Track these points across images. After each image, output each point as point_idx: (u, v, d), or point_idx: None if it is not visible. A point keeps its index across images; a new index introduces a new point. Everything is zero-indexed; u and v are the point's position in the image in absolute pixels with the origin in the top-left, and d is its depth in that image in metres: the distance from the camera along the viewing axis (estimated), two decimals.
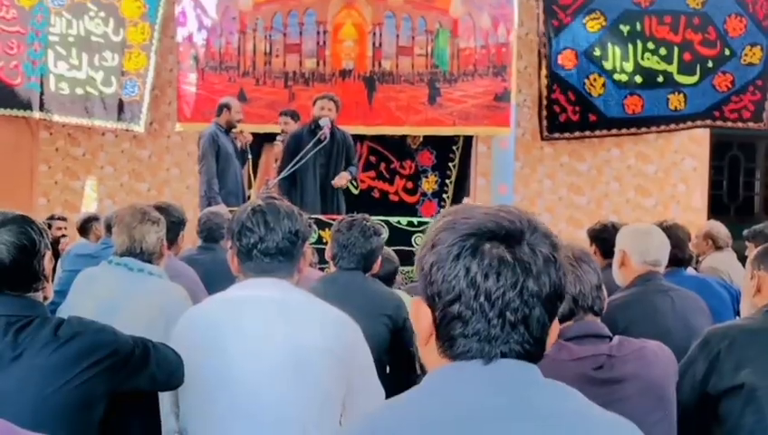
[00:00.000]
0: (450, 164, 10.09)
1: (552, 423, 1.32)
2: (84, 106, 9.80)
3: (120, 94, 9.79)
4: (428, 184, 10.11)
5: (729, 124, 9.62)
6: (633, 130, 9.82)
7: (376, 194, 9.99)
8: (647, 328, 3.16)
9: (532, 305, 1.33)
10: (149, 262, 3.59)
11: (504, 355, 1.34)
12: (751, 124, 9.54)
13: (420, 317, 1.39)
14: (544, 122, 9.73)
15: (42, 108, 9.79)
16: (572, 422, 1.34)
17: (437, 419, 1.30)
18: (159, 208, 3.96)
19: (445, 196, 10.09)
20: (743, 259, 6.10)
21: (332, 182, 7.18)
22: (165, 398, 2.61)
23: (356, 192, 9.70)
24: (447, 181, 10.11)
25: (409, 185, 10.10)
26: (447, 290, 1.33)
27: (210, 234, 5.12)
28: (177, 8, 9.52)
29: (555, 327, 1.41)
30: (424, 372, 1.46)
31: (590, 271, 2.46)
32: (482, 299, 1.31)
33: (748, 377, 2.81)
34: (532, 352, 1.36)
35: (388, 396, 2.59)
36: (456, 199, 10.11)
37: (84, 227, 7.41)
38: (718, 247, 6.24)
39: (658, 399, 2.45)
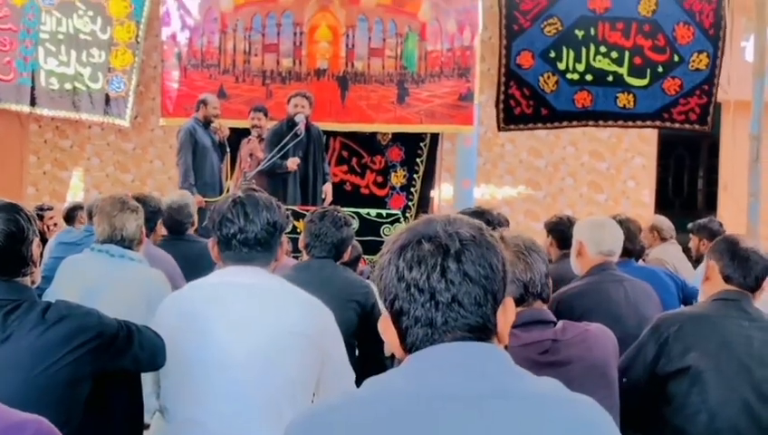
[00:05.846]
0: (418, 160, 10.09)
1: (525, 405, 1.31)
2: (72, 101, 9.69)
3: (107, 90, 9.69)
4: (397, 178, 10.10)
5: (677, 126, 9.63)
6: (582, 123, 9.70)
7: (348, 187, 9.97)
8: (601, 315, 3.16)
9: (458, 284, 1.33)
10: (130, 248, 3.57)
11: (454, 338, 1.34)
12: (697, 127, 9.53)
13: (385, 329, 1.42)
14: (501, 115, 9.62)
15: (33, 102, 9.66)
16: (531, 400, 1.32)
17: (379, 410, 1.30)
18: (138, 199, 3.92)
19: (413, 190, 10.09)
20: (687, 251, 6.17)
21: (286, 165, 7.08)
22: (147, 378, 2.58)
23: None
24: (415, 176, 10.10)
25: (379, 179, 10.09)
26: (388, 292, 1.37)
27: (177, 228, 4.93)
28: (162, 8, 9.45)
29: (509, 306, 1.40)
30: (392, 354, 1.45)
31: (539, 260, 2.45)
32: (412, 289, 1.34)
33: (694, 360, 2.85)
34: (478, 327, 1.35)
35: (357, 377, 2.58)
36: (423, 193, 10.13)
37: (70, 215, 7.32)
38: (663, 239, 6.27)
39: (601, 378, 2.45)
